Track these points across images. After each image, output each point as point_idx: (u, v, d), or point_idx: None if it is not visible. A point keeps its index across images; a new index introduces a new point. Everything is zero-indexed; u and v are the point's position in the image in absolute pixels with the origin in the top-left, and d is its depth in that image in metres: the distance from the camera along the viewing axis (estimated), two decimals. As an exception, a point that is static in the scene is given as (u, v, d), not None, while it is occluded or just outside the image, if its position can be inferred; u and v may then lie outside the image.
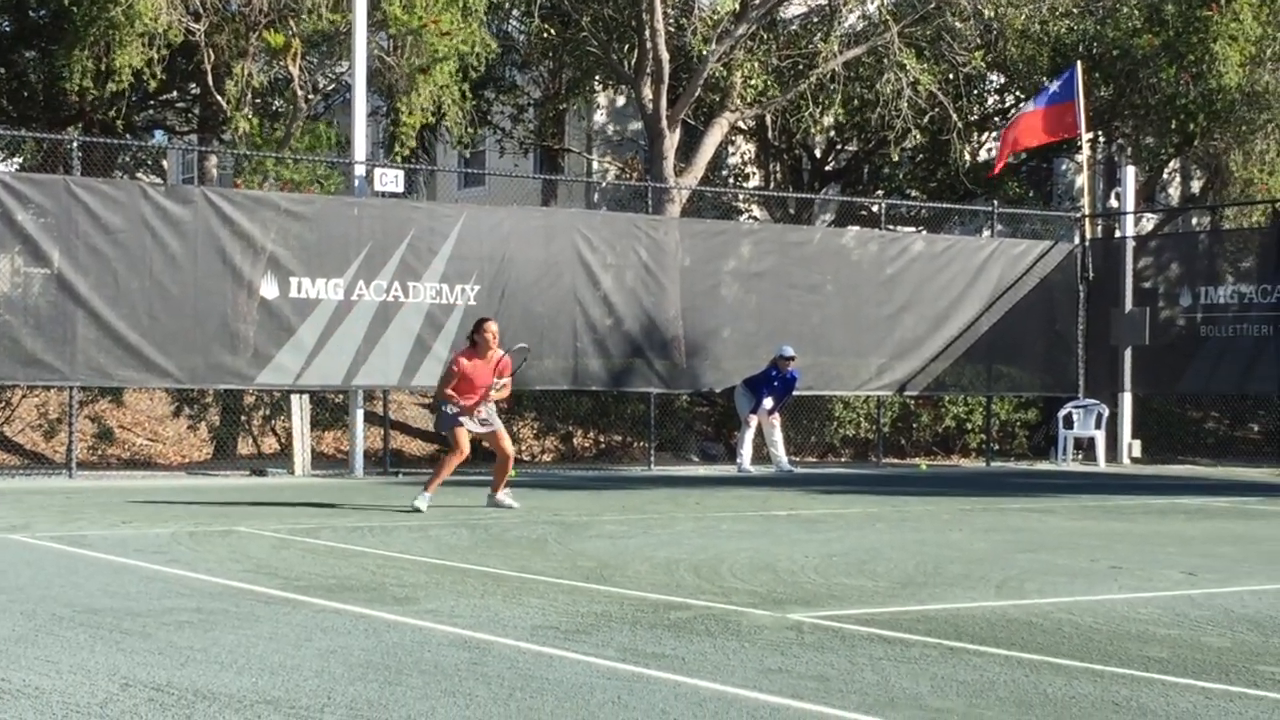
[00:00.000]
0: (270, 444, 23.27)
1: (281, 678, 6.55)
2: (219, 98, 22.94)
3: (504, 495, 15.43)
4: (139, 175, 32.75)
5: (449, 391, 15.06)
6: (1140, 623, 8.38)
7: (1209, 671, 7.00)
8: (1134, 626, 8.25)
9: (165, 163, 37.61)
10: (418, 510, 14.84)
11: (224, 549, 11.51)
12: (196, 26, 22.08)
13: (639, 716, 5.93)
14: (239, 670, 6.70)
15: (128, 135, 27.49)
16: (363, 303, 20.67)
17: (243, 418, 23.01)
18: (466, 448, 15.24)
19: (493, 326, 15.27)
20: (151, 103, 29.64)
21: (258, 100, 24.19)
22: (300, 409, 20.74)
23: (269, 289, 20.14)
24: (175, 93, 29.67)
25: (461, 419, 15.12)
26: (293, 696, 6.19)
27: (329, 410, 23.06)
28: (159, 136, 32.89)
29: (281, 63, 22.39)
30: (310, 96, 23.83)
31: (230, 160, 25.75)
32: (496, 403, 15.34)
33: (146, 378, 20.00)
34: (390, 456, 21.90)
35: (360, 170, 21.27)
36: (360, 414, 21.11)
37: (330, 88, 27.46)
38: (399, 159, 23.06)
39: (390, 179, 21.19)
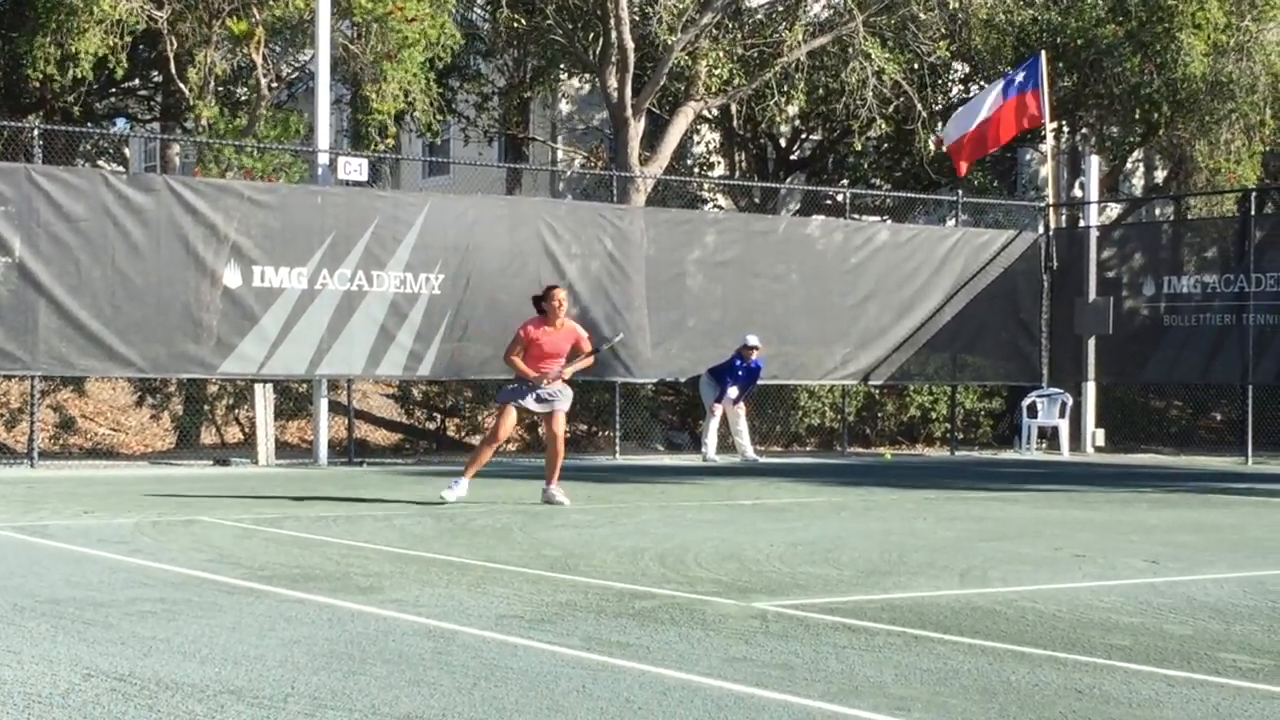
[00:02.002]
0: (234, 433, 23.19)
1: (245, 667, 6.53)
2: (181, 86, 22.82)
3: (555, 489, 14.62)
4: (101, 163, 32.65)
5: (515, 359, 14.42)
6: (1103, 611, 8.41)
7: (1171, 659, 7.03)
8: (1097, 614, 8.28)
9: (127, 151, 37.45)
10: (444, 500, 14.36)
11: (187, 539, 11.46)
12: (159, 14, 21.96)
13: (604, 705, 5.92)
14: (202, 660, 6.67)
15: (89, 123, 27.36)
16: (326, 292, 20.59)
17: (206, 407, 22.92)
18: (504, 434, 14.72)
19: (559, 293, 14.74)
20: (114, 90, 29.49)
21: (221, 88, 24.08)
22: (264, 398, 20.67)
23: (232, 278, 20.05)
24: (137, 80, 29.52)
25: (520, 396, 14.43)
26: (256, 686, 6.17)
27: (293, 400, 22.99)
28: (121, 124, 32.73)
29: (245, 50, 22.29)
30: (274, 85, 23.73)
31: (193, 149, 25.62)
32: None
33: (109, 367, 19.90)
34: (354, 446, 21.85)
35: (324, 159, 21.18)
36: (324, 403, 21.04)
37: (294, 76, 27.36)
38: (377, 148, 23.00)
39: (354, 167, 21.11)
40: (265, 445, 20.55)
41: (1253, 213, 24.89)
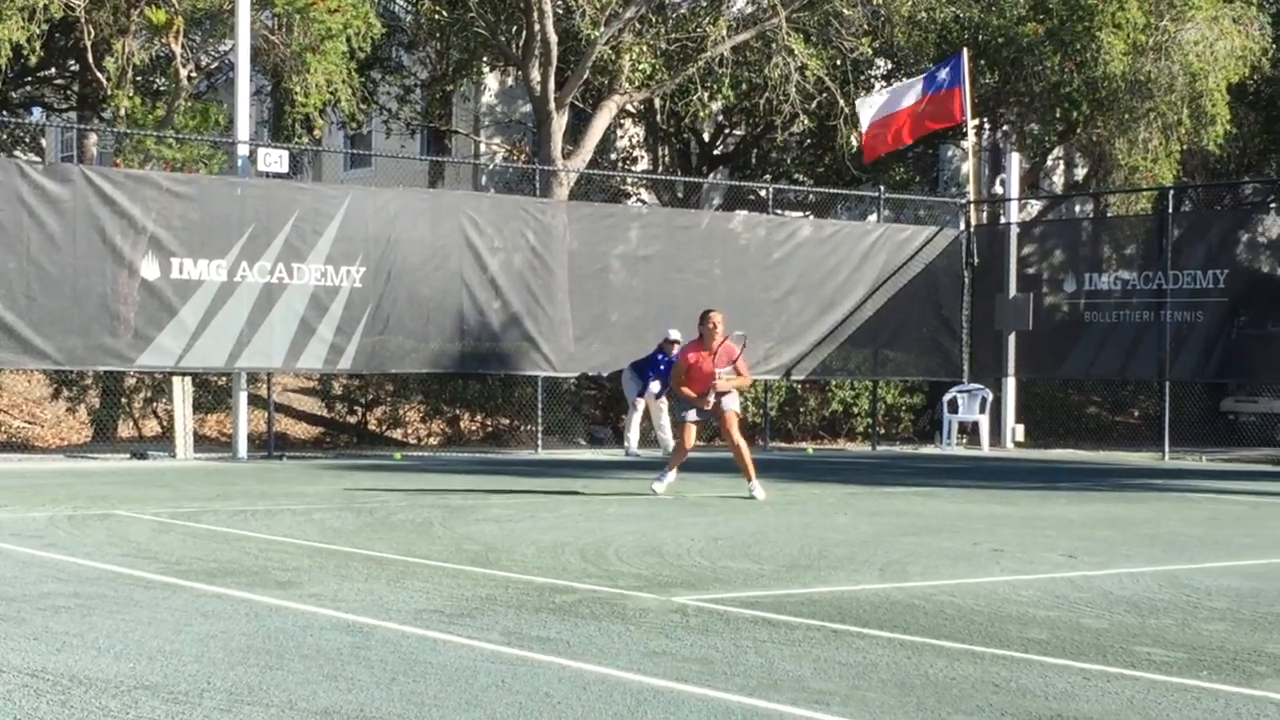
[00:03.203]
0: (151, 427, 22.98)
1: (160, 663, 6.46)
2: (99, 75, 22.58)
3: (754, 485, 15.23)
4: (16, 153, 32.26)
5: (684, 390, 15.34)
6: (1020, 605, 8.47)
7: (1087, 652, 7.08)
8: (1014, 608, 8.33)
9: (44, 141, 37.04)
10: (654, 493, 15.32)
11: (103, 533, 11.34)
12: (77, 2, 21.71)
13: (522, 700, 5.90)
14: (116, 655, 6.60)
15: (4, 112, 27.01)
16: (246, 284, 20.43)
17: (123, 400, 22.70)
18: (689, 445, 15.54)
19: (715, 316, 15.35)
20: (29, 79, 29.16)
21: (139, 78, 23.83)
22: (182, 391, 20.48)
23: (150, 270, 19.85)
24: (54, 69, 29.19)
25: (687, 415, 15.41)
26: (171, 681, 6.11)
27: (212, 393, 22.80)
28: (37, 114, 32.38)
29: (163, 40, 22.08)
30: (193, 75, 23.52)
31: (111, 139, 25.37)
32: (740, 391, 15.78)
33: (23, 359, 19.65)
34: (274, 440, 21.70)
35: (244, 150, 21.01)
36: (244, 396, 20.88)
37: (214, 66, 27.14)
38: (302, 140, 22.83)
39: (274, 159, 20.96)
40: (183, 439, 20.37)
41: (1170, 211, 25.15)
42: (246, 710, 5.66)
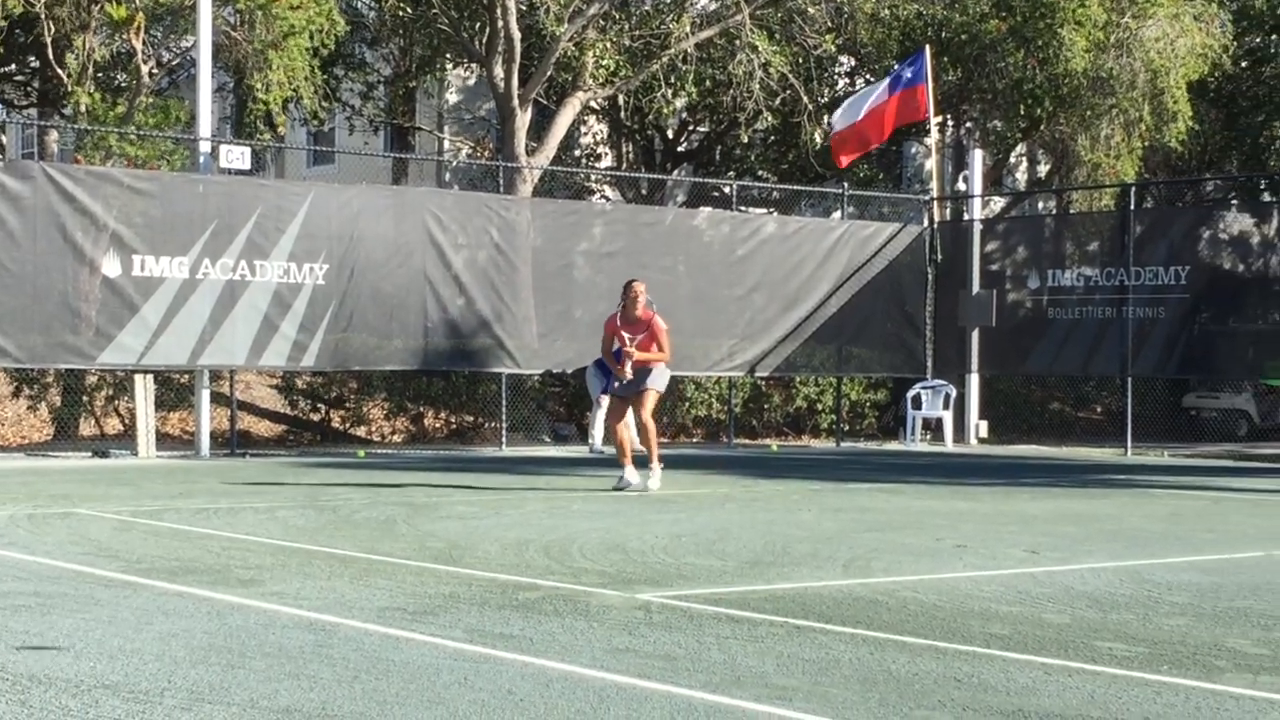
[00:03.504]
0: (113, 425, 22.87)
1: (121, 662, 6.43)
2: (59, 71, 22.46)
3: (654, 470, 15.58)
4: (-23, 150, 32.02)
5: (605, 355, 15.73)
6: (983, 600, 8.49)
7: (1048, 648, 7.10)
8: (977, 604, 8.35)
9: (3, 137, 36.81)
10: (619, 489, 15.39)
11: (63, 531, 11.29)
12: (37, -3, 21.59)
13: (485, 697, 5.89)
14: (77, 655, 6.57)
15: (-36, 109, 26.80)
16: (208, 281, 20.35)
17: (85, 398, 22.58)
18: (618, 430, 15.63)
19: (636, 286, 15.53)
20: (-11, 75, 28.98)
21: (100, 75, 23.72)
22: (144, 389, 20.39)
23: (111, 267, 19.74)
24: (14, 66, 29.02)
25: (612, 386, 15.72)
26: (132, 680, 6.08)
27: (174, 390, 22.71)
28: (-3, 110, 32.16)
29: (124, 36, 21.97)
30: (154, 71, 23.40)
31: (71, 135, 25.23)
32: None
33: (-16, 357, 19.54)
34: (237, 437, 21.62)
35: (205, 147, 20.92)
36: (206, 394, 20.79)
37: (175, 63, 27.02)
38: (263, 136, 22.73)
39: (236, 156, 20.88)
40: (145, 437, 20.28)
41: (1132, 207, 25.25)
42: (208, 709, 5.64)
